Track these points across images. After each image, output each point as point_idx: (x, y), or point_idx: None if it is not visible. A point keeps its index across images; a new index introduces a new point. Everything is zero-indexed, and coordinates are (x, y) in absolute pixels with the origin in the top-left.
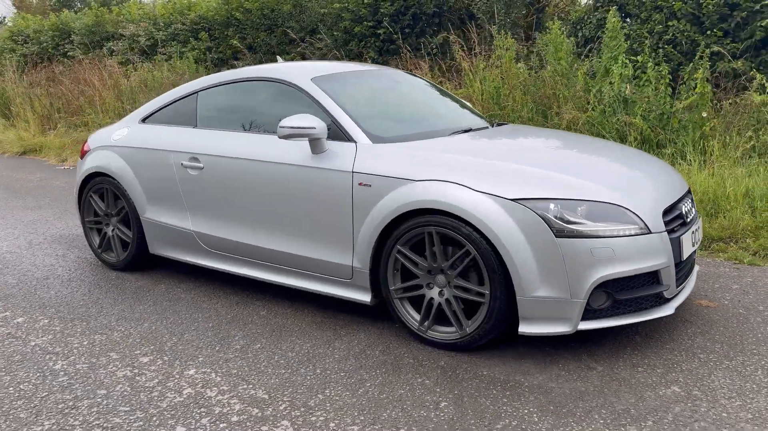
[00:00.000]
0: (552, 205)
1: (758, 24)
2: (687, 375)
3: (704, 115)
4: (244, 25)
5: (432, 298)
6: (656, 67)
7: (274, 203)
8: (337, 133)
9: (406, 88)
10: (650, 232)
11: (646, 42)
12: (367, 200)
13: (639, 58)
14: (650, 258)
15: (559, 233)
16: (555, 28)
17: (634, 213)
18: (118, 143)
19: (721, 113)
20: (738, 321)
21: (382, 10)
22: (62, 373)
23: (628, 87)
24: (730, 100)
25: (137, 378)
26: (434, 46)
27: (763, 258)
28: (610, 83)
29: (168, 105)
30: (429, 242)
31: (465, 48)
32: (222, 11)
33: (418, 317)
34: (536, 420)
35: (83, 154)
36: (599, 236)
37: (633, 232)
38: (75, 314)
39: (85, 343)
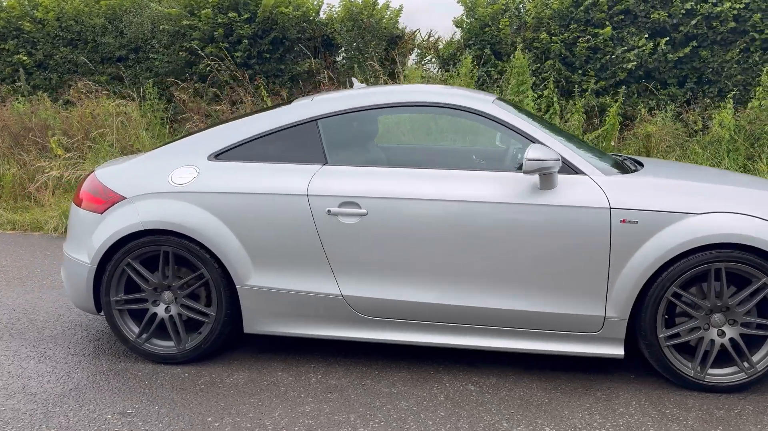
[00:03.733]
0: None
1: (620, 66)
2: None
3: (612, 143)
4: (35, 38)
5: (712, 340)
6: (561, 101)
7: (488, 251)
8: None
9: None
10: None
11: (551, 78)
12: (632, 239)
13: (545, 92)
14: None
15: None
16: (467, 62)
17: None
18: (189, 188)
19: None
20: None
21: (239, 31)
22: None
23: (559, 120)
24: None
25: None
26: (306, 73)
27: None
28: None
29: (259, 137)
30: (714, 279)
31: (334, 79)
32: None
33: (689, 363)
34: None
35: (104, 206)
36: None
37: None
38: None
39: None
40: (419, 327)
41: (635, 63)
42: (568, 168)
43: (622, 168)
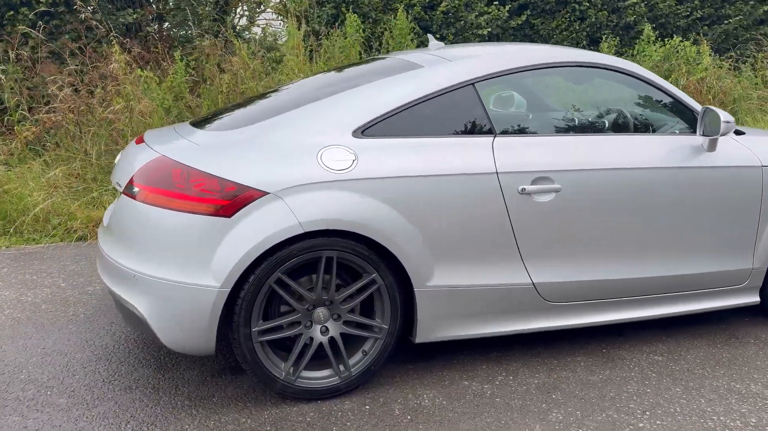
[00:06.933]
0: None
1: (473, 31)
2: None
3: None
4: None
5: None
6: None
7: (671, 218)
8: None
9: None
10: None
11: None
12: None
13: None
14: None
15: None
16: (352, 20)
17: None
18: (353, 174)
19: None
20: None
21: None
22: None
23: None
24: None
25: None
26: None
27: None
28: None
29: (406, 107)
30: None
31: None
32: None
33: None
34: None
35: (231, 206)
36: None
37: None
38: None
39: None
40: (598, 306)
41: (489, 29)
42: None
43: None
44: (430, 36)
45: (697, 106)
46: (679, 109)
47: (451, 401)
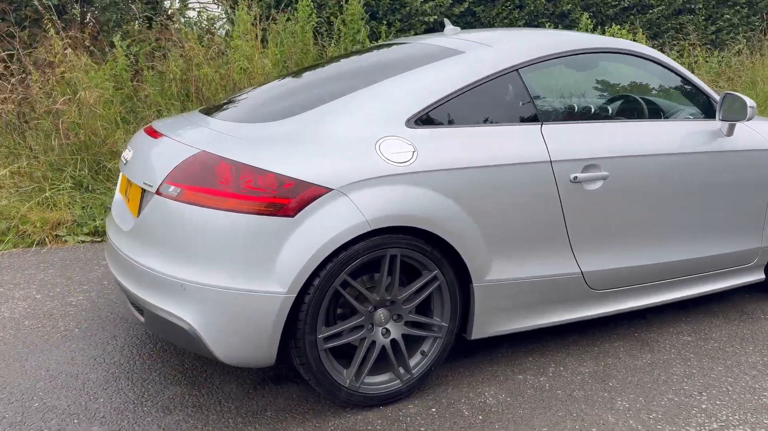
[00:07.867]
0: None
1: (419, 18)
2: None
3: None
4: None
5: None
6: None
7: (703, 201)
8: (711, 112)
9: None
10: None
11: (382, 26)
12: None
13: (381, 41)
14: None
15: None
16: (304, 4)
17: None
18: (417, 167)
19: None
20: None
21: None
22: None
23: None
24: None
25: None
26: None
27: None
28: None
29: (459, 93)
30: None
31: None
32: None
33: None
34: None
35: (294, 205)
36: None
37: None
38: None
39: None
40: (633, 292)
41: (435, 16)
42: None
43: None
44: (446, 20)
45: (712, 92)
46: (695, 94)
47: (514, 397)
